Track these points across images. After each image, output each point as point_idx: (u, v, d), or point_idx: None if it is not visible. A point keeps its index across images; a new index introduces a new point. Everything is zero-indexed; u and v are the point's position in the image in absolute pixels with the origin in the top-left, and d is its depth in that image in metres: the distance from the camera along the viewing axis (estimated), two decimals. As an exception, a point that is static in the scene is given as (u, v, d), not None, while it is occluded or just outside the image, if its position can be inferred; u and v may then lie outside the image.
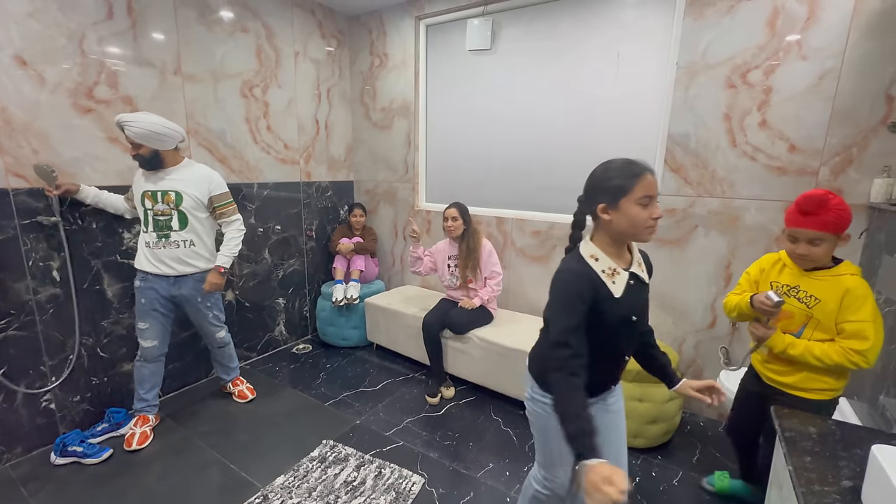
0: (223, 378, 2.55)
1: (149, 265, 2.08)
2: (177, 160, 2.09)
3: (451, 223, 2.57)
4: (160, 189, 2.05)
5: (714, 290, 2.26)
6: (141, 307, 2.11)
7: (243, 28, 2.67)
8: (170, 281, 2.12)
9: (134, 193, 2.08)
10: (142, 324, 2.13)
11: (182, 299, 2.18)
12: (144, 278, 2.10)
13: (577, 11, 2.49)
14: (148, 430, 2.16)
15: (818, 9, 1.86)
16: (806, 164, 1.97)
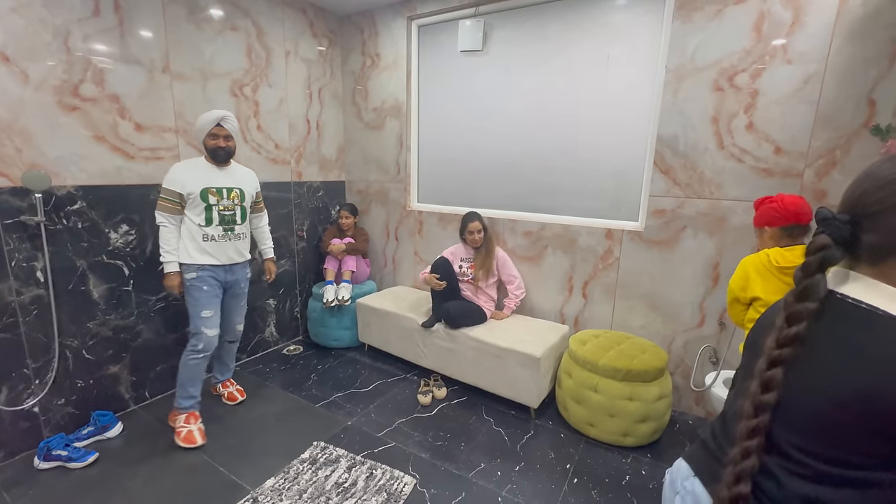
0: (217, 377, 2.52)
1: (207, 258, 2.14)
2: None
3: (476, 236, 2.68)
4: (226, 186, 2.17)
5: (702, 290, 2.29)
6: (203, 294, 2.13)
7: (233, 26, 2.64)
8: (225, 269, 2.21)
9: (187, 191, 2.07)
10: (206, 311, 2.14)
11: (229, 284, 2.26)
12: (202, 269, 2.13)
13: (568, 14, 2.51)
14: (202, 427, 2.16)
15: (802, 14, 1.90)
16: (791, 166, 2.01)
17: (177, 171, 2.09)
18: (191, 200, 2.09)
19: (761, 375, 0.61)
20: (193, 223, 2.11)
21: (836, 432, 0.55)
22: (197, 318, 2.14)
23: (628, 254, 2.46)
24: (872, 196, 0.58)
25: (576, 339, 2.34)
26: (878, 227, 0.57)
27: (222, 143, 2.12)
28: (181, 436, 2.10)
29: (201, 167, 2.14)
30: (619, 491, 1.86)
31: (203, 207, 2.11)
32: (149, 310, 2.41)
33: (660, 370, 2.11)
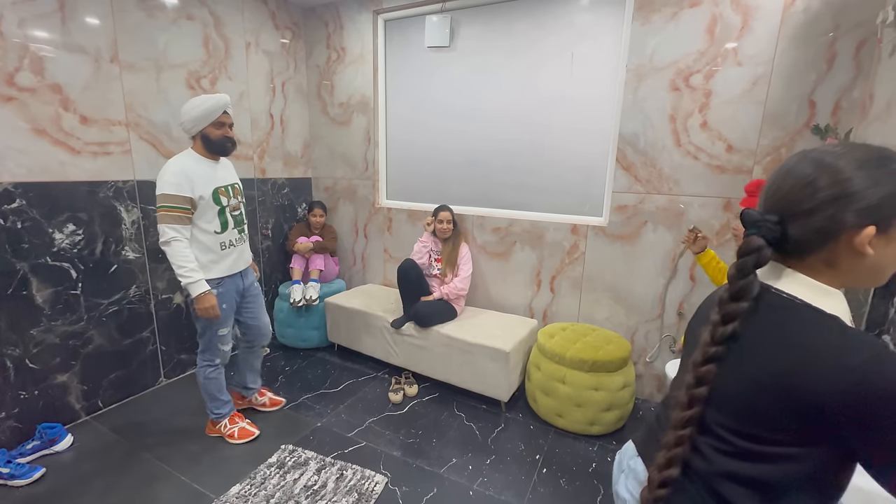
0: (250, 387, 2.31)
1: (230, 268, 1.95)
2: None
3: (445, 226, 2.66)
4: (229, 183, 1.95)
5: (662, 282, 2.39)
6: (223, 313, 1.95)
7: (188, 15, 2.52)
8: (241, 274, 2.06)
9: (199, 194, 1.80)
10: (223, 330, 2.00)
11: (245, 290, 2.10)
12: (221, 283, 1.93)
13: (533, 12, 2.55)
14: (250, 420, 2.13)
15: (751, 18, 2.00)
16: (741, 164, 2.12)
17: (177, 172, 1.74)
18: (202, 205, 1.80)
19: (696, 370, 0.65)
20: (206, 232, 1.83)
21: (759, 412, 0.60)
22: (214, 337, 1.99)
23: (593, 248, 2.53)
24: (798, 195, 0.60)
25: (544, 333, 2.39)
26: (803, 224, 0.60)
27: (229, 133, 1.87)
28: (235, 435, 2.07)
29: (200, 163, 1.84)
30: (586, 478, 1.92)
31: (216, 211, 1.84)
32: (100, 314, 2.28)
33: (624, 360, 2.19)
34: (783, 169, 0.64)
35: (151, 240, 2.47)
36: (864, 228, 0.57)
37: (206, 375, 2.05)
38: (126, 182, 2.33)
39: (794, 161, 0.64)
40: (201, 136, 1.83)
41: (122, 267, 2.35)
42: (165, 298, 2.58)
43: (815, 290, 0.62)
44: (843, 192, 0.57)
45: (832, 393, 0.54)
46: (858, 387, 0.53)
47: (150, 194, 2.43)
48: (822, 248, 0.60)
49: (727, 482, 0.63)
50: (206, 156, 1.88)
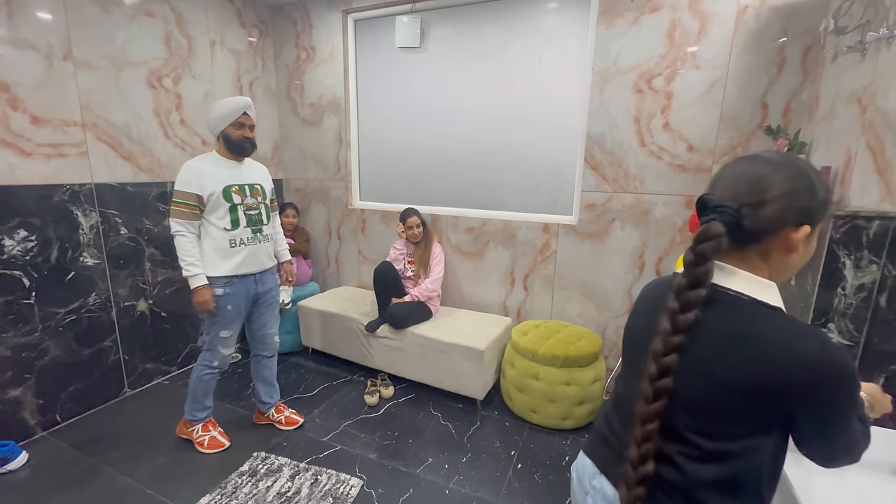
0: (267, 402, 2.22)
1: (238, 267, 1.91)
2: None
3: (415, 230, 2.66)
4: (247, 182, 1.95)
5: (630, 278, 2.47)
6: (227, 315, 1.92)
7: (147, 12, 2.43)
8: (255, 278, 2.00)
9: (208, 192, 1.82)
10: (225, 332, 1.95)
11: (259, 295, 2.05)
12: (230, 283, 1.90)
13: (502, 15, 2.58)
14: (222, 430, 2.09)
15: (707, 24, 2.09)
16: (701, 163, 2.21)
17: (191, 170, 1.82)
18: (212, 202, 1.84)
19: (658, 360, 0.64)
20: (217, 228, 1.85)
21: (724, 409, 0.62)
22: (215, 338, 1.96)
23: (564, 246, 2.58)
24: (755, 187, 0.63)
25: (518, 330, 2.43)
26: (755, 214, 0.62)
27: (249, 134, 1.90)
28: (205, 444, 2.02)
29: (218, 162, 1.90)
30: (559, 471, 1.96)
31: (227, 208, 1.86)
32: (57, 324, 2.17)
33: (594, 355, 2.24)
34: (735, 171, 0.67)
35: (112, 245, 2.37)
36: (802, 227, 0.62)
37: (199, 375, 2.00)
38: (83, 185, 2.23)
39: (744, 164, 0.66)
40: (223, 136, 1.89)
41: (81, 274, 2.25)
42: (128, 306, 2.48)
43: (758, 285, 0.65)
44: (792, 190, 0.62)
45: (792, 381, 0.58)
46: (817, 372, 0.58)
47: (109, 198, 2.34)
48: (763, 240, 0.64)
49: (701, 488, 0.65)
50: (227, 156, 1.93)
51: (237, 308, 1.95)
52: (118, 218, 2.39)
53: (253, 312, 2.08)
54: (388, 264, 2.65)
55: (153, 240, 2.58)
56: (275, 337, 2.19)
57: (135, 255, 2.50)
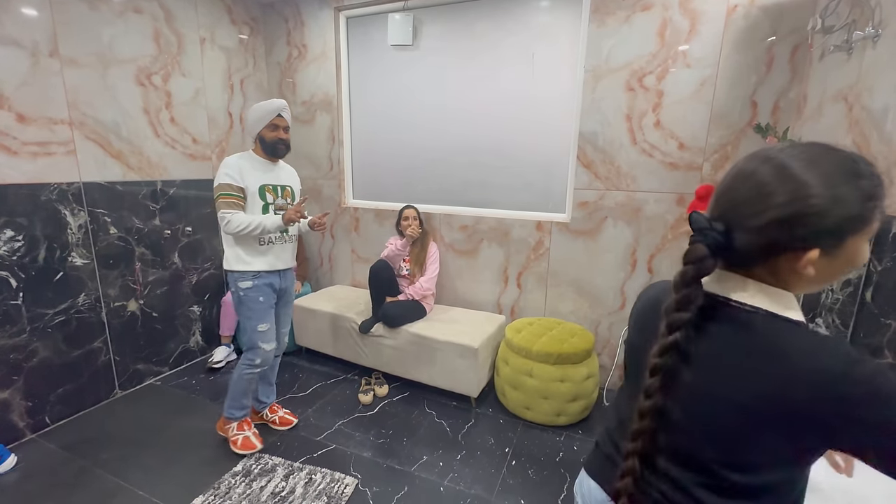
0: (263, 402, 2.23)
1: (264, 263, 1.94)
2: None
3: (411, 222, 2.65)
4: (280, 183, 2.00)
5: (623, 275, 2.48)
6: (259, 306, 1.94)
7: (135, 8, 2.40)
8: (280, 274, 2.04)
9: (246, 188, 1.88)
10: (262, 325, 1.96)
11: (280, 292, 2.07)
12: (258, 276, 1.94)
13: (494, 13, 2.58)
14: (257, 431, 2.09)
15: (698, 23, 2.11)
16: (692, 161, 2.23)
17: (231, 166, 1.87)
18: (249, 198, 1.90)
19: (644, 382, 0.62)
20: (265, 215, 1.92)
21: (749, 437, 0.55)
22: (253, 333, 1.95)
23: (557, 244, 2.60)
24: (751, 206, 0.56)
25: (511, 328, 2.44)
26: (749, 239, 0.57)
27: (283, 135, 1.94)
28: (238, 443, 2.01)
29: (254, 162, 1.94)
30: (553, 467, 1.97)
31: (260, 207, 1.92)
32: (45, 325, 2.14)
33: (587, 352, 2.26)
34: (743, 171, 0.59)
35: (101, 245, 2.34)
36: (807, 252, 0.54)
37: (241, 374, 2.00)
38: (71, 184, 2.20)
39: (756, 163, 0.58)
40: (258, 137, 1.94)
41: (70, 274, 2.22)
42: (118, 306, 2.45)
43: (773, 297, 0.58)
44: (797, 212, 0.53)
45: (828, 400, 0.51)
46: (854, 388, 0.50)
47: (98, 197, 2.31)
48: (765, 262, 0.58)
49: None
50: (263, 157, 1.97)
51: (268, 300, 1.98)
52: (107, 217, 2.36)
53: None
54: (384, 262, 2.65)
55: (143, 239, 2.55)
56: (285, 336, 2.20)
57: (125, 254, 2.47)
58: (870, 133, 1.37)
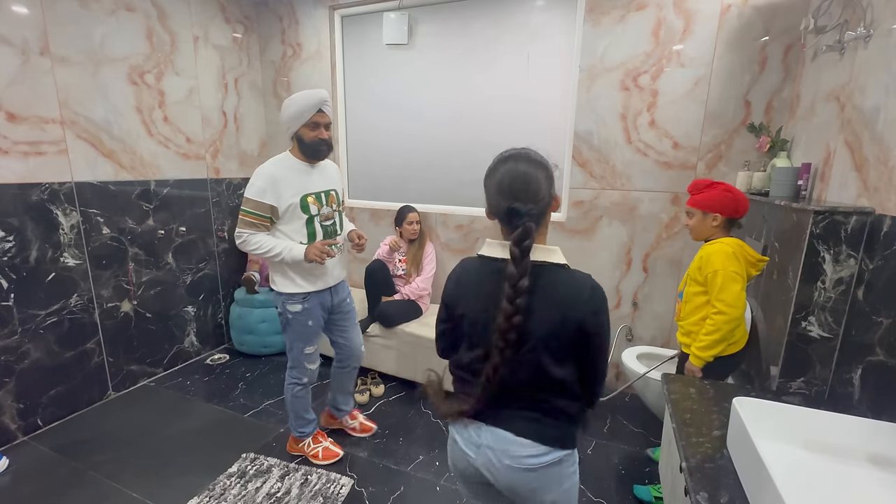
0: (342, 409, 2.13)
1: (314, 282, 1.76)
2: None
3: (415, 226, 2.64)
4: (323, 189, 1.75)
5: (618, 274, 2.49)
6: (308, 330, 1.82)
7: (128, 6, 2.38)
8: (330, 290, 1.86)
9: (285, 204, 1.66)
10: (309, 348, 1.86)
11: (335, 307, 1.91)
12: (307, 298, 1.77)
13: (489, 12, 2.58)
14: (333, 440, 2.03)
15: (692, 22, 2.12)
16: (686, 160, 2.24)
17: (265, 177, 1.62)
18: (288, 213, 1.66)
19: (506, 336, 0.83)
20: (292, 241, 1.70)
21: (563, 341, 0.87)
22: (300, 354, 1.86)
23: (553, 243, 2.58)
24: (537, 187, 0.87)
25: (507, 327, 2.43)
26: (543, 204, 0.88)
27: (325, 135, 1.68)
28: (319, 456, 1.96)
29: (293, 166, 1.69)
30: (549, 466, 1.97)
31: (304, 221, 1.69)
32: (37, 326, 2.12)
33: (583, 350, 2.26)
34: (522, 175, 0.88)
35: (94, 245, 2.32)
36: (557, 196, 0.93)
37: (293, 394, 1.92)
38: (63, 184, 2.18)
39: (522, 167, 0.89)
40: (296, 137, 1.68)
41: (61, 275, 2.20)
42: (111, 307, 2.43)
43: (550, 252, 0.89)
44: (549, 176, 0.90)
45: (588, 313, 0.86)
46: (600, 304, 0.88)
47: (90, 197, 2.29)
48: (545, 216, 0.91)
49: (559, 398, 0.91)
50: (302, 159, 1.71)
51: (317, 322, 1.85)
52: (100, 217, 2.34)
53: (332, 324, 1.96)
54: (380, 262, 2.64)
55: (136, 239, 2.53)
56: (361, 346, 2.05)
57: (118, 255, 2.45)
58: (861, 132, 1.39)
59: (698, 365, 1.50)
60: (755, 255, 1.49)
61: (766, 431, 0.93)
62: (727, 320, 1.41)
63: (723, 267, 1.42)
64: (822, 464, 0.91)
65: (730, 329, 1.43)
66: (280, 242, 1.67)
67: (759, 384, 1.63)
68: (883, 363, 1.15)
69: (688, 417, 1.16)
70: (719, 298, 1.42)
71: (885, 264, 1.18)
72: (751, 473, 0.87)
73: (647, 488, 1.78)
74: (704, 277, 1.48)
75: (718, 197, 1.48)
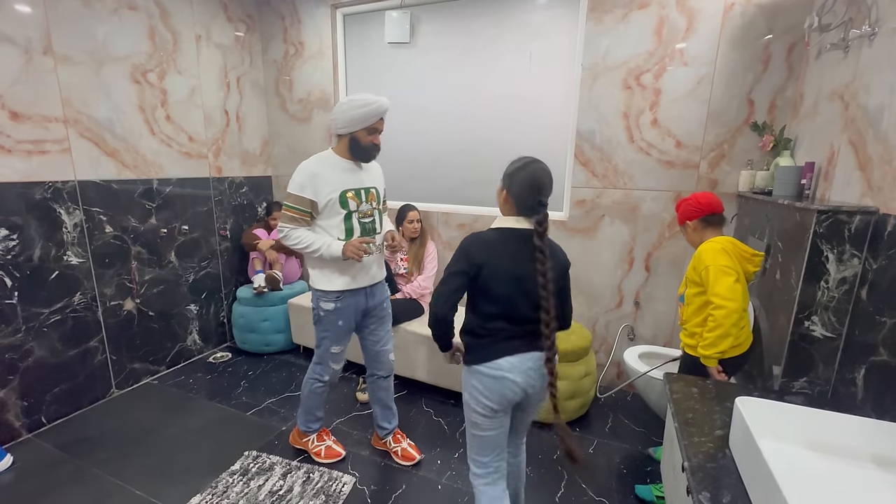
0: (385, 427, 2.02)
1: (350, 282, 1.75)
2: None
3: (416, 225, 2.64)
4: (364, 186, 1.74)
5: (620, 274, 2.49)
6: (338, 330, 1.80)
7: (130, 5, 2.38)
8: (366, 291, 1.82)
9: (324, 198, 1.66)
10: (336, 347, 1.84)
11: (370, 309, 1.87)
12: (341, 297, 1.75)
13: (492, 11, 2.58)
14: (336, 440, 2.04)
15: (695, 21, 2.11)
16: (689, 159, 2.24)
17: (306, 172, 1.65)
18: (328, 208, 1.67)
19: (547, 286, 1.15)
20: (330, 237, 1.69)
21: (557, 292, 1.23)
22: (326, 353, 1.84)
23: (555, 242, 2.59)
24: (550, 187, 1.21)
25: (509, 326, 2.43)
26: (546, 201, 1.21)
27: (378, 140, 1.71)
28: (322, 454, 1.96)
29: (336, 164, 1.69)
30: (550, 465, 1.98)
31: (342, 217, 1.69)
32: (41, 324, 2.13)
33: (585, 349, 2.26)
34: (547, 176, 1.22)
35: (97, 244, 2.33)
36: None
37: (311, 388, 1.91)
38: (66, 183, 2.19)
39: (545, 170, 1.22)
40: (350, 138, 1.67)
41: (65, 273, 2.21)
42: (114, 305, 2.44)
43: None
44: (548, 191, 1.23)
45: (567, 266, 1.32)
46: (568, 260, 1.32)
47: (93, 195, 2.30)
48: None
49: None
50: (347, 157, 1.72)
51: (348, 323, 1.82)
52: (103, 216, 2.35)
53: (365, 327, 1.92)
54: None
55: (139, 238, 2.54)
56: (390, 355, 1.98)
57: (120, 253, 2.46)
58: (865, 131, 1.38)
59: (712, 365, 1.49)
60: (748, 250, 1.52)
61: (769, 431, 0.92)
62: (726, 314, 1.42)
63: (713, 262, 1.46)
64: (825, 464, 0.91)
65: (732, 323, 1.43)
66: (319, 238, 1.68)
67: (761, 384, 1.62)
68: (886, 363, 1.15)
69: (690, 417, 1.16)
70: (714, 293, 1.44)
71: (889, 264, 1.17)
72: (753, 473, 0.87)
73: (648, 487, 1.78)
74: (699, 276, 1.51)
75: (682, 208, 1.65)
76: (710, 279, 1.45)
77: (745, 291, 1.50)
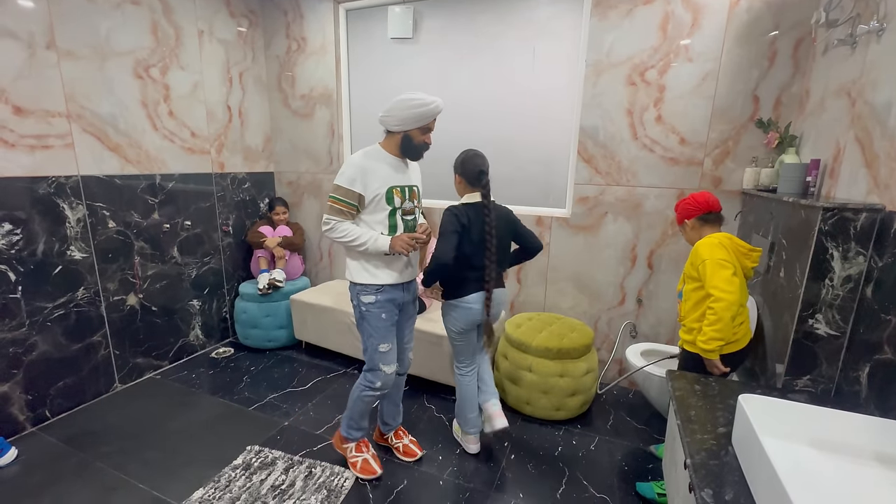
0: (388, 424, 2.03)
1: (390, 275, 1.73)
2: None
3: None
4: (408, 184, 1.75)
5: (622, 271, 2.48)
6: (382, 324, 1.74)
7: (133, 0, 2.37)
8: (403, 287, 1.81)
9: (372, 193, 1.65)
10: (384, 345, 1.75)
11: (404, 305, 1.85)
12: (381, 290, 1.73)
13: (495, 7, 2.56)
14: (375, 453, 1.93)
15: (700, 16, 2.09)
16: (693, 156, 2.22)
17: (355, 166, 1.64)
18: (374, 203, 1.66)
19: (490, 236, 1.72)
20: (376, 232, 1.69)
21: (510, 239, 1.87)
22: (374, 353, 1.75)
23: (557, 239, 2.59)
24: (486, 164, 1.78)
25: (511, 323, 2.44)
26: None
27: (430, 140, 1.73)
28: (357, 466, 1.86)
29: (383, 159, 1.70)
30: (552, 462, 1.98)
31: (388, 213, 1.69)
32: (45, 319, 2.14)
33: (587, 347, 2.26)
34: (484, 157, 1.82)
35: (100, 238, 2.34)
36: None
37: (360, 395, 1.83)
38: (69, 177, 2.19)
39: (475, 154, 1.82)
40: (403, 136, 1.69)
41: (68, 268, 2.22)
42: (118, 300, 2.45)
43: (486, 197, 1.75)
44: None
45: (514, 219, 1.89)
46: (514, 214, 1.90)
47: (96, 190, 2.30)
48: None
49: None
50: (395, 154, 1.73)
51: (391, 316, 1.77)
52: (106, 211, 2.36)
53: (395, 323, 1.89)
54: None
55: (142, 233, 2.55)
56: (410, 353, 1.98)
57: (123, 248, 2.46)
58: (873, 128, 1.37)
59: (714, 358, 1.49)
60: (745, 245, 1.53)
61: (772, 429, 0.92)
62: (725, 306, 1.42)
63: (710, 256, 1.47)
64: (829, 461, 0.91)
65: (731, 315, 1.43)
66: (366, 232, 1.67)
67: (764, 382, 1.62)
68: (891, 361, 1.14)
69: (692, 414, 1.16)
70: (712, 285, 1.45)
71: (895, 262, 1.16)
72: (756, 470, 0.87)
73: (649, 485, 1.78)
74: (697, 271, 1.52)
75: (680, 208, 1.68)
76: (708, 272, 1.46)
77: (742, 286, 1.50)
